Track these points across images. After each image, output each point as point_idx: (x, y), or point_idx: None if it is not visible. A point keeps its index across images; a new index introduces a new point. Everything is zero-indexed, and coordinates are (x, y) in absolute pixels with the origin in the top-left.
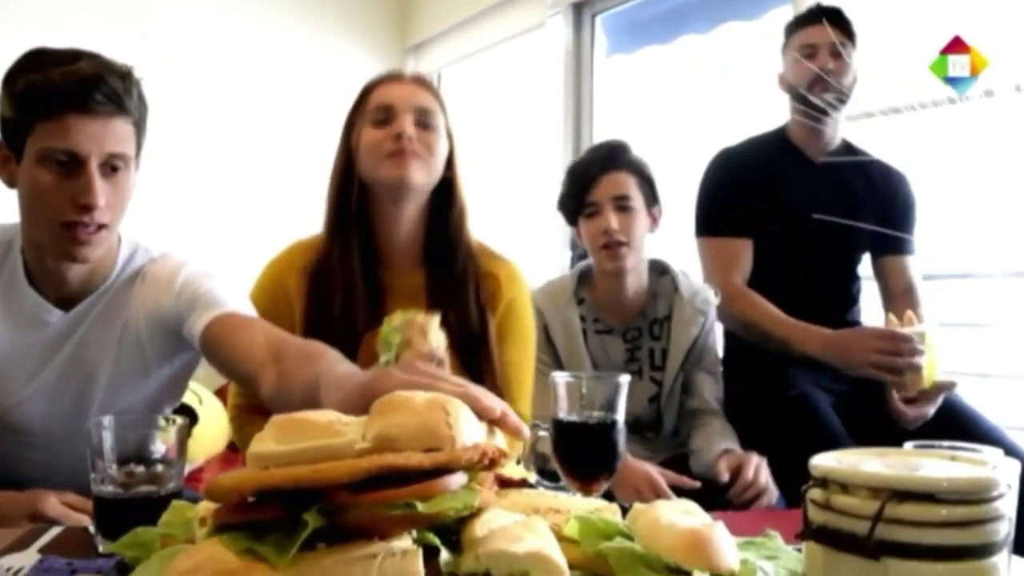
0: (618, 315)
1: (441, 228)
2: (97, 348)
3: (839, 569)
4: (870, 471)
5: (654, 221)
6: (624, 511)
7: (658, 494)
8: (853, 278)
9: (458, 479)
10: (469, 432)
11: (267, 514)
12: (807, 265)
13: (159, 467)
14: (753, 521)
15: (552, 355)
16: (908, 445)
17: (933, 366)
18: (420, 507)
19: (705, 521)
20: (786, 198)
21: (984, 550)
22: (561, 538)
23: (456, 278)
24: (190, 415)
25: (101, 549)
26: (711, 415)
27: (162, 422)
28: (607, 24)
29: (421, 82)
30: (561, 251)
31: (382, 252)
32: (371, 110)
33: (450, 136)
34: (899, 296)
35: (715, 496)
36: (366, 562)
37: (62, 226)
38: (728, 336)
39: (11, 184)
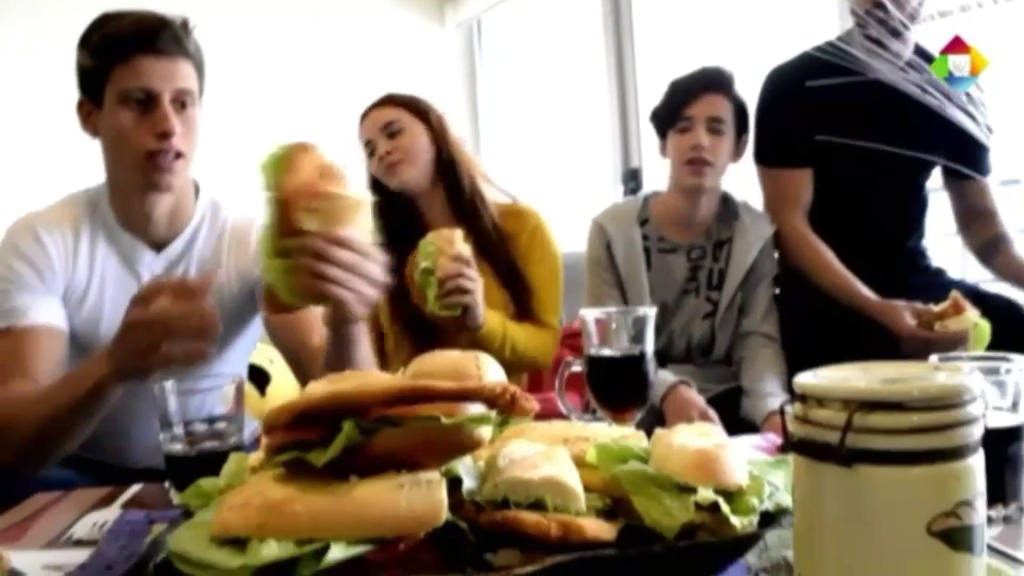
0: (684, 233)
1: (456, 192)
2: None
3: (818, 478)
4: (840, 384)
5: (738, 151)
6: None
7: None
8: (920, 203)
9: (479, 407)
10: (494, 375)
11: (311, 434)
12: (871, 192)
13: (220, 424)
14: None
15: (613, 272)
16: (933, 359)
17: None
18: (443, 419)
19: (716, 442)
20: (848, 120)
21: (956, 453)
22: (584, 465)
23: (468, 204)
24: (261, 375)
25: (175, 501)
26: (763, 343)
27: (220, 382)
28: None
29: (380, 109)
30: (612, 188)
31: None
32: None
33: (428, 120)
34: (978, 220)
35: None
36: (395, 491)
37: (144, 157)
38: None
39: (95, 133)
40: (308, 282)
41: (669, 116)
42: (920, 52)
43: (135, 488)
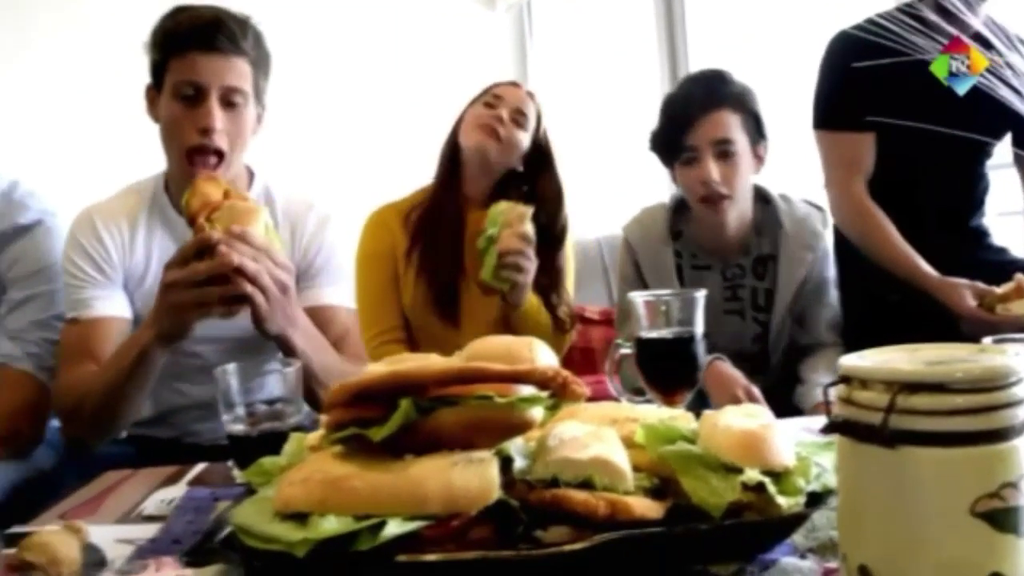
0: (718, 253)
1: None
2: None
3: (861, 459)
4: (883, 366)
5: (759, 160)
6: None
7: (752, 399)
8: (983, 181)
9: (531, 390)
10: (547, 359)
11: (370, 412)
12: (931, 168)
13: (279, 405)
14: None
15: (643, 289)
16: (987, 340)
17: None
18: (497, 399)
19: (763, 423)
20: (916, 84)
21: (1000, 434)
22: (632, 445)
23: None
24: None
25: (237, 479)
26: (824, 347)
27: (278, 365)
28: None
29: (530, 94)
30: (668, 182)
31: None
32: (488, 95)
33: (539, 116)
34: None
35: None
36: (449, 469)
37: (187, 152)
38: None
39: (156, 119)
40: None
41: (670, 147)
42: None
43: (200, 467)
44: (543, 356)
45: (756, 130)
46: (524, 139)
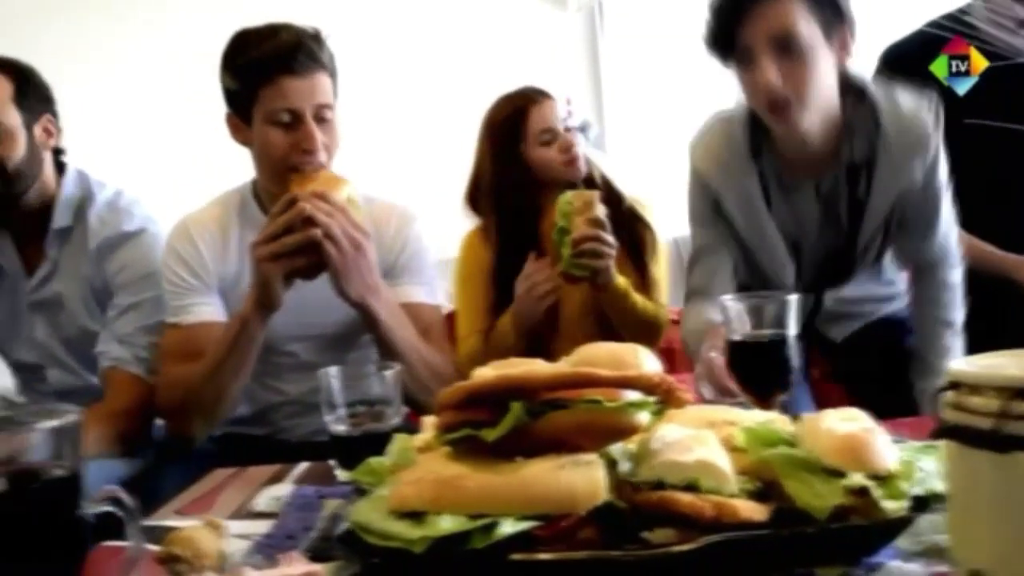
0: (805, 168)
1: None
2: None
3: (972, 464)
4: (994, 372)
5: (843, 49)
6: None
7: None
8: None
9: (637, 395)
10: (652, 366)
11: (481, 415)
12: (1007, 178)
13: (379, 406)
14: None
15: (725, 227)
16: None
17: None
18: (606, 403)
19: (865, 426)
20: (978, 103)
21: None
22: (732, 448)
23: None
24: None
25: (340, 479)
26: (940, 290)
27: (378, 368)
28: None
29: (550, 96)
30: None
31: None
32: (533, 133)
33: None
34: None
35: None
36: (557, 470)
37: (290, 170)
38: None
39: (246, 144)
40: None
41: (722, 45)
42: None
43: (303, 466)
44: (649, 363)
45: (831, 11)
46: (583, 143)
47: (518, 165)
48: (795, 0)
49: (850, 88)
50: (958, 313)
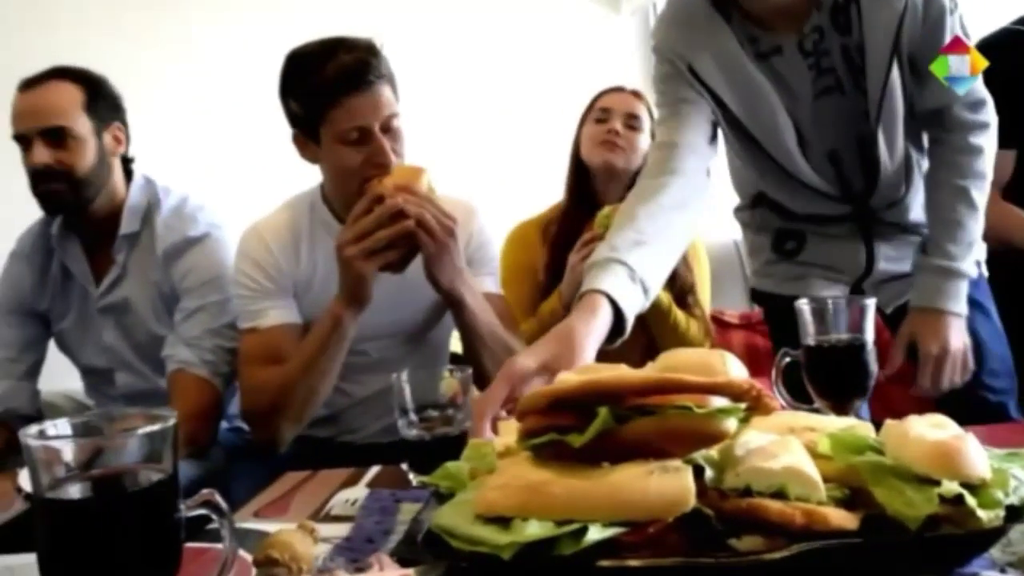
0: (783, 21)
1: None
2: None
3: None
4: None
5: None
6: (877, 428)
7: None
8: None
9: (724, 402)
10: (738, 372)
11: (565, 420)
12: None
13: (449, 411)
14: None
15: (703, 89)
16: None
17: None
18: (695, 410)
19: (955, 433)
20: None
21: None
22: (815, 455)
23: None
24: None
25: (414, 482)
26: (955, 125)
27: (447, 373)
28: None
29: (636, 94)
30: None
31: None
32: (595, 110)
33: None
34: None
35: None
36: (645, 477)
37: (364, 181)
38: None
39: (314, 161)
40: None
41: None
42: None
43: (375, 469)
44: (736, 369)
45: None
46: (643, 140)
47: (578, 150)
48: None
49: None
50: (977, 183)
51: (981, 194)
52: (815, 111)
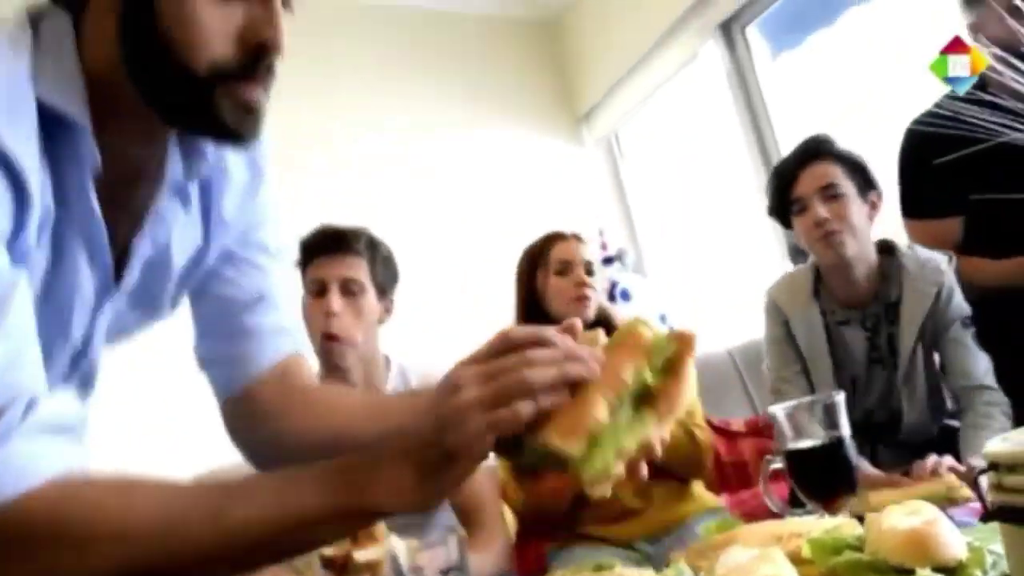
0: (854, 305)
1: None
2: None
3: (1022, 542)
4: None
5: (873, 207)
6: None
7: None
8: None
9: None
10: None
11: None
12: None
13: (452, 574)
14: None
15: (795, 350)
16: None
17: None
18: None
19: (927, 518)
20: (997, 162)
21: None
22: (800, 561)
23: None
24: None
25: None
26: (984, 402)
27: (444, 535)
28: (764, 28)
29: (578, 238)
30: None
31: None
32: (553, 264)
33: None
34: None
35: None
36: None
37: (321, 342)
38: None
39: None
40: None
41: (782, 204)
42: None
43: None
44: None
45: (863, 180)
46: (599, 284)
47: (536, 296)
48: (834, 165)
49: (884, 247)
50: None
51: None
52: (867, 375)
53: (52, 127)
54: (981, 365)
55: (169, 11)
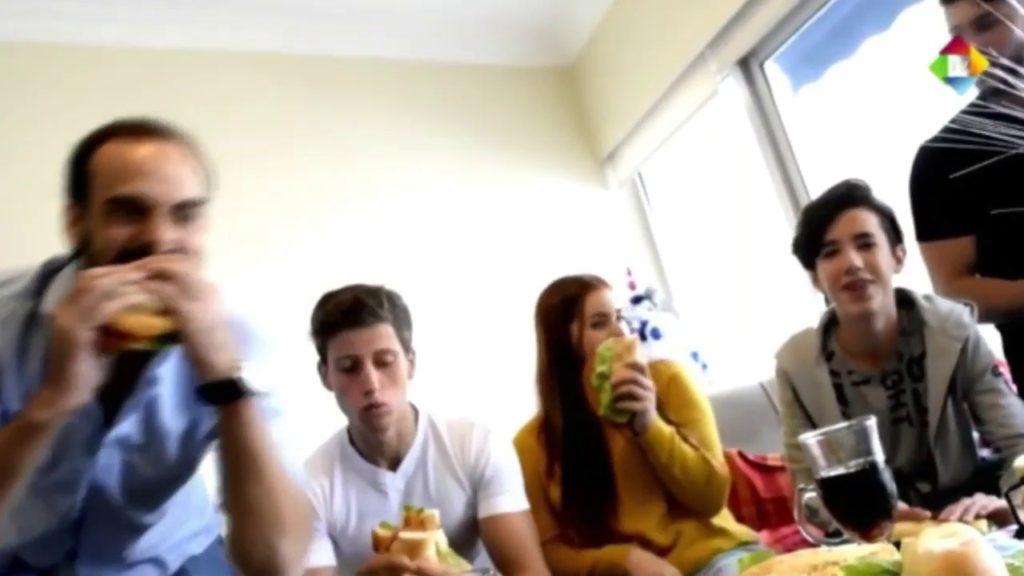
0: (872, 361)
1: None
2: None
3: None
4: None
5: (899, 261)
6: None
7: None
8: None
9: None
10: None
11: None
12: None
13: None
14: None
15: (803, 415)
16: None
17: None
18: None
19: (964, 540)
20: (1009, 175)
21: None
22: None
23: None
24: None
25: None
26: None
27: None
28: (783, 63)
29: (606, 284)
30: (812, 303)
31: None
32: (589, 316)
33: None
34: None
35: None
36: None
37: (361, 411)
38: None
39: (328, 387)
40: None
41: (812, 243)
42: None
43: None
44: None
45: (894, 233)
46: (626, 327)
47: (569, 350)
48: (871, 213)
49: (903, 299)
50: None
51: None
52: (892, 433)
53: None
54: (1019, 412)
55: None
